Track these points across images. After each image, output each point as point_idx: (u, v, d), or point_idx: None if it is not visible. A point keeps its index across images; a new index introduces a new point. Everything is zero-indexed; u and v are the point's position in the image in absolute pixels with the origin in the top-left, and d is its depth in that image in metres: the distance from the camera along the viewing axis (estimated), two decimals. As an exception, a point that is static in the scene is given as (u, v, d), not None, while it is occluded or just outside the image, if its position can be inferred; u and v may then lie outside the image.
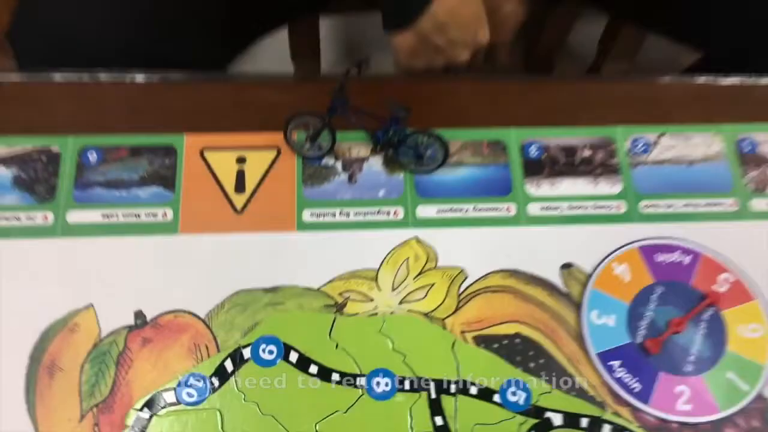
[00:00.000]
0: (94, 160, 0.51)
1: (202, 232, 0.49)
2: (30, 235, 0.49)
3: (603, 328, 0.47)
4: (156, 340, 0.46)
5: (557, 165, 0.52)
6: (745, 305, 0.48)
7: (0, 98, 0.53)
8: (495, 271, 0.49)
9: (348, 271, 0.48)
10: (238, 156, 0.52)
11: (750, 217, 0.51)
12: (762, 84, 0.56)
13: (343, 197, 0.51)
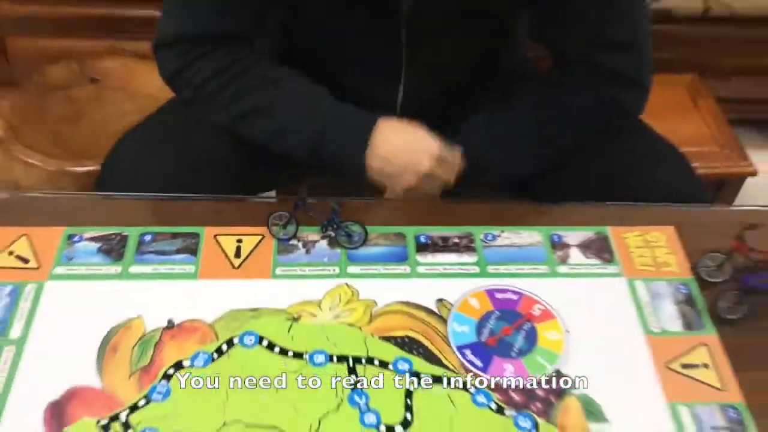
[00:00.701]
0: (148, 239, 0.80)
1: (212, 278, 0.77)
2: (107, 278, 0.76)
3: (460, 333, 0.73)
4: (180, 335, 0.72)
5: (437, 246, 0.82)
6: (548, 321, 0.75)
7: (91, 205, 0.83)
8: (395, 302, 0.76)
9: (303, 300, 0.75)
10: (237, 239, 0.81)
11: (555, 276, 0.79)
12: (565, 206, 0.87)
13: (300, 261, 0.79)
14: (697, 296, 0.79)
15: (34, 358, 0.70)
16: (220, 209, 0.84)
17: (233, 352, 0.71)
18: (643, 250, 0.83)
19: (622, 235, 0.84)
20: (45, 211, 0.83)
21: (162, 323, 0.73)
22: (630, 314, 0.77)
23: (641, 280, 0.80)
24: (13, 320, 0.72)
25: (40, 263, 0.77)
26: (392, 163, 0.84)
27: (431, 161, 0.84)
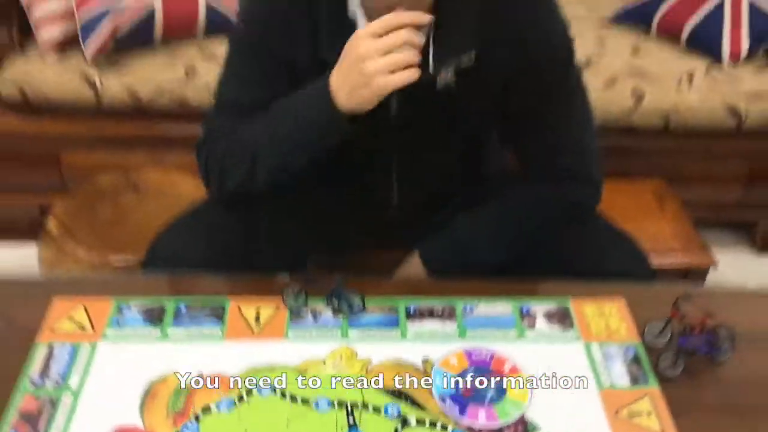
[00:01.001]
0: (183, 309, 0.95)
1: (235, 340, 0.91)
2: (149, 340, 0.91)
3: (441, 385, 0.86)
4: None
5: (424, 314, 0.96)
6: (516, 376, 0.88)
7: (137, 281, 0.99)
8: (387, 359, 0.89)
9: (311, 358, 0.89)
10: (256, 308, 0.96)
11: (523, 340, 0.93)
12: (533, 282, 1.02)
13: (309, 326, 0.94)
14: (642, 357, 0.92)
15: (88, 403, 0.83)
16: (243, 284, 1.00)
17: (252, 399, 0.84)
18: (598, 318, 0.97)
19: (581, 306, 0.98)
20: (99, 287, 0.99)
21: (193, 377, 0.86)
22: (586, 371, 0.90)
23: (596, 343, 0.93)
24: (71, 373, 0.86)
25: (95, 328, 0.92)
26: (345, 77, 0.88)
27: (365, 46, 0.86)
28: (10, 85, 1.65)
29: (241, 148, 1.00)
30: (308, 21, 0.97)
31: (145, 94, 1.64)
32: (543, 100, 1.01)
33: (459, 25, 0.94)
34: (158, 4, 1.66)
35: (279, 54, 0.99)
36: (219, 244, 1.05)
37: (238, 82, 1.03)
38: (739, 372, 0.91)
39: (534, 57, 0.97)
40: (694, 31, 1.81)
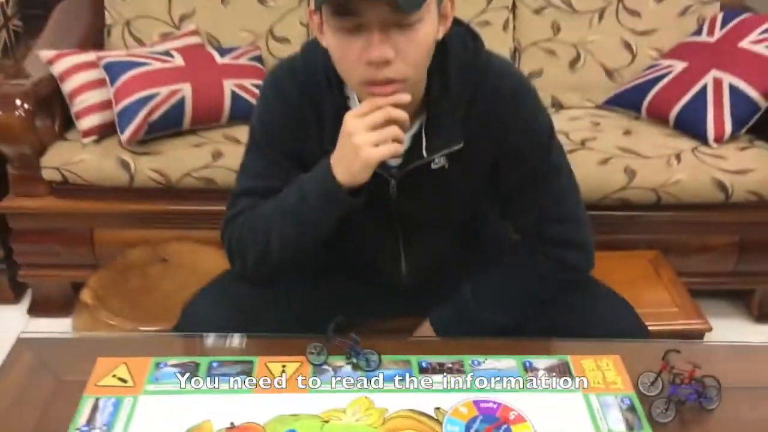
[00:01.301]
0: (216, 366, 1.04)
1: (263, 393, 0.99)
2: (184, 393, 0.99)
3: (452, 430, 0.94)
4: None
5: (435, 369, 1.04)
6: (521, 424, 0.95)
7: (173, 342, 1.08)
8: (402, 409, 0.97)
9: (332, 408, 0.97)
10: (282, 365, 1.04)
11: (528, 392, 1.01)
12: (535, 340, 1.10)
13: (330, 380, 1.02)
14: (637, 405, 0.99)
15: (131, 449, 0.91)
16: (269, 343, 1.08)
17: (279, 444, 0.92)
18: (596, 372, 1.05)
19: (579, 361, 1.06)
20: (138, 347, 1.08)
21: (225, 425, 0.94)
22: (584, 419, 0.97)
23: (594, 394, 1.01)
24: (116, 422, 0.94)
25: (135, 383, 1.01)
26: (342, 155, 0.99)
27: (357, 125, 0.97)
28: (52, 169, 1.78)
29: (256, 225, 1.10)
30: (315, 117, 1.09)
31: (174, 174, 1.77)
32: (529, 178, 1.12)
33: (447, 118, 1.06)
34: (188, 93, 1.81)
35: (289, 149, 1.11)
36: (244, 311, 1.14)
37: (253, 173, 1.15)
38: (727, 417, 0.98)
39: (516, 143, 1.09)
40: (680, 114, 1.94)
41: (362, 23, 0.92)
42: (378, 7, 0.89)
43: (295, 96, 1.09)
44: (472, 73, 1.06)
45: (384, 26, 0.91)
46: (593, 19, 2.19)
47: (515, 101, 1.08)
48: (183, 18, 2.14)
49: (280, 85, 1.11)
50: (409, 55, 0.94)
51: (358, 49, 0.93)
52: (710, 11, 2.17)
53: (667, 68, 2.05)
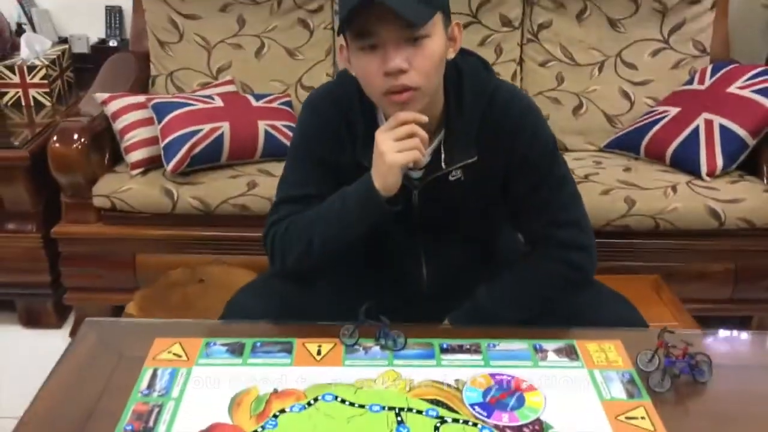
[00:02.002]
0: (259, 345, 1.15)
1: (302, 366, 1.10)
2: (233, 366, 1.10)
3: (471, 396, 1.04)
4: (282, 396, 1.03)
5: (455, 350, 1.14)
6: (533, 392, 1.05)
7: (221, 327, 1.19)
8: (426, 380, 1.07)
9: (364, 378, 1.07)
10: (318, 345, 1.15)
11: (538, 368, 1.11)
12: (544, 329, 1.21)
13: (361, 357, 1.12)
14: (636, 379, 1.09)
15: (187, 408, 1.01)
16: (306, 329, 1.19)
17: (319, 404, 1.02)
18: (599, 353, 1.15)
19: (584, 345, 1.16)
20: (190, 330, 1.19)
21: (270, 390, 1.05)
22: (589, 389, 1.07)
23: (597, 370, 1.11)
24: (173, 387, 1.05)
25: (189, 358, 1.12)
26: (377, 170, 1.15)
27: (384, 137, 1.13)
28: (102, 197, 1.93)
29: (299, 229, 1.23)
30: (348, 133, 1.24)
31: (213, 201, 1.91)
32: (536, 186, 1.24)
33: (462, 134, 1.20)
34: (227, 130, 1.97)
35: (325, 159, 1.25)
36: (282, 302, 1.26)
37: (292, 182, 1.28)
38: (716, 389, 1.07)
39: (524, 153, 1.21)
40: (675, 152, 2.08)
41: (379, 42, 1.08)
42: (391, 27, 1.06)
43: (331, 114, 1.24)
44: (484, 94, 1.21)
45: (397, 42, 1.07)
46: (594, 71, 2.36)
47: (522, 117, 1.22)
48: (220, 70, 2.33)
49: (318, 105, 1.27)
50: (420, 66, 1.09)
51: (377, 64, 1.09)
52: (700, 64, 2.34)
53: (662, 113, 2.20)
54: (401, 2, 1.03)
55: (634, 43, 2.36)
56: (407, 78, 1.09)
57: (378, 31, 1.07)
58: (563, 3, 2.34)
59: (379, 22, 1.05)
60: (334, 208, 1.20)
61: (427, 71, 1.10)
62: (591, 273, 1.29)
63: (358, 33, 1.08)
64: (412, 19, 1.04)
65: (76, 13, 2.57)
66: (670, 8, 2.33)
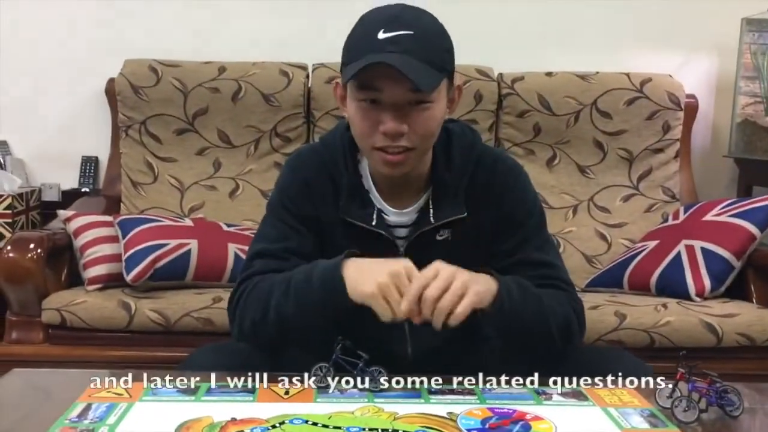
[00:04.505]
0: (216, 388, 0.99)
1: (266, 402, 0.94)
2: (183, 402, 0.93)
3: (469, 423, 0.88)
4: (241, 423, 0.87)
5: (444, 392, 0.99)
6: (540, 420, 0.90)
7: (172, 373, 1.03)
8: (413, 412, 0.92)
9: (339, 411, 0.91)
10: (285, 387, 0.99)
11: (542, 405, 0.96)
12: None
13: (338, 396, 0.96)
14: (658, 413, 0.94)
15: None
16: (271, 376, 1.04)
17: (285, 427, 0.85)
18: (611, 396, 1.00)
19: (593, 390, 1.02)
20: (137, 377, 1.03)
21: (227, 419, 0.88)
22: (605, 420, 0.92)
23: (612, 408, 0.96)
24: (109, 416, 0.88)
25: (132, 396, 0.95)
26: (363, 267, 1.03)
27: (399, 266, 1.01)
28: (52, 312, 1.79)
29: (259, 291, 1.12)
30: (332, 187, 1.19)
31: (173, 315, 1.78)
32: (522, 244, 1.18)
33: (451, 191, 1.17)
34: (195, 248, 1.89)
35: (306, 213, 1.19)
36: (245, 361, 1.11)
37: (269, 237, 1.19)
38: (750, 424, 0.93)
39: (511, 212, 1.19)
40: (660, 280, 2.03)
41: (381, 99, 1.05)
42: (397, 87, 1.03)
43: (314, 170, 1.20)
44: (472, 153, 1.20)
45: (401, 103, 1.05)
46: (568, 214, 2.39)
47: (511, 176, 1.21)
48: (193, 209, 2.31)
49: (301, 161, 1.23)
50: (420, 129, 1.08)
51: (375, 119, 1.06)
52: (672, 208, 2.39)
53: (640, 248, 2.19)
54: (412, 66, 1.02)
55: (605, 188, 2.43)
56: (405, 140, 1.07)
57: (383, 89, 1.04)
58: (533, 150, 2.43)
59: (387, 80, 1.03)
60: (298, 279, 1.09)
61: (426, 134, 1.09)
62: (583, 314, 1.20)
63: (361, 85, 1.06)
64: (422, 87, 1.03)
65: (50, 164, 2.58)
66: (635, 156, 2.43)
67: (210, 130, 2.36)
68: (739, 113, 2.53)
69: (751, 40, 2.49)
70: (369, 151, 1.11)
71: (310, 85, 2.39)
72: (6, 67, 2.54)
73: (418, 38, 1.04)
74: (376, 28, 1.05)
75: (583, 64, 2.49)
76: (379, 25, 1.05)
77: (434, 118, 1.09)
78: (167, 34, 2.54)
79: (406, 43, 1.03)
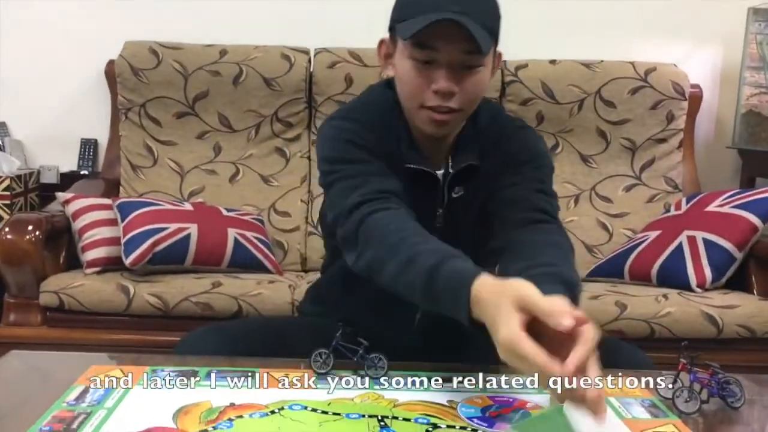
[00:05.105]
0: (215, 373, 0.98)
1: (265, 388, 0.93)
2: (181, 387, 0.93)
3: (469, 411, 0.88)
4: (240, 408, 0.86)
5: (447, 380, 0.99)
6: (540, 409, 0.90)
7: (171, 359, 1.02)
8: (414, 399, 0.91)
9: (338, 398, 0.91)
10: (285, 373, 0.99)
11: (543, 393, 0.95)
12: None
13: (339, 384, 0.96)
14: (659, 403, 0.94)
15: (122, 415, 0.84)
16: (272, 362, 1.03)
17: (284, 412, 0.85)
18: (612, 388, 1.00)
19: (594, 379, 1.02)
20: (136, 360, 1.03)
21: (226, 404, 0.87)
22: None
23: (613, 398, 0.96)
24: (107, 399, 0.87)
25: (130, 379, 0.94)
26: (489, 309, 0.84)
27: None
28: (50, 295, 1.79)
29: (390, 240, 0.99)
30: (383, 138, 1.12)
31: (172, 300, 1.78)
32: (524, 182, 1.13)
33: (469, 148, 1.15)
34: (194, 232, 1.89)
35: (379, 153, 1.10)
36: (245, 342, 1.11)
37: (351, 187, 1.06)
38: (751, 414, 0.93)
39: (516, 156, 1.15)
40: (661, 270, 2.03)
41: (436, 59, 1.04)
42: (454, 48, 1.03)
43: (368, 117, 1.14)
44: (496, 119, 1.19)
45: (455, 65, 1.04)
46: (570, 203, 2.38)
47: (521, 129, 1.19)
48: (192, 193, 2.30)
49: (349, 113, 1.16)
50: (470, 92, 1.07)
51: (427, 78, 1.05)
52: (674, 199, 2.38)
53: (642, 238, 2.19)
54: (475, 28, 1.01)
55: (607, 178, 2.42)
56: (454, 101, 1.06)
57: (440, 48, 1.03)
58: (536, 138, 2.42)
59: (445, 40, 1.03)
60: (418, 285, 0.94)
61: (473, 98, 1.09)
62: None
63: (418, 43, 1.04)
64: (484, 49, 1.02)
65: (49, 145, 2.58)
66: (638, 146, 2.42)
67: (210, 114, 2.35)
68: (743, 104, 2.52)
69: (757, 30, 2.47)
70: (416, 109, 1.09)
71: (312, 70, 2.37)
72: (5, 48, 2.53)
73: (479, 2, 1.04)
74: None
75: (588, 52, 2.47)
76: None
77: (483, 82, 1.09)
78: (168, 16, 2.52)
79: (466, 4, 1.02)
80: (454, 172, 1.14)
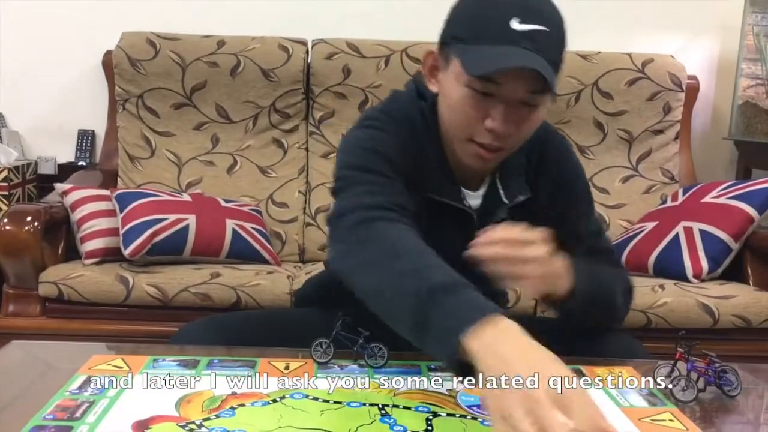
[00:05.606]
0: (216, 362, 0.99)
1: (266, 377, 0.94)
2: (183, 376, 0.93)
3: (469, 400, 0.88)
4: (242, 396, 0.87)
5: (446, 370, 1.00)
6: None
7: (172, 349, 1.03)
8: (415, 388, 0.92)
9: (341, 386, 0.92)
10: (286, 362, 0.99)
11: (542, 382, 0.96)
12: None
13: (338, 371, 0.97)
14: (656, 391, 0.95)
15: (125, 403, 0.84)
16: (271, 351, 1.04)
17: (286, 401, 0.85)
18: (611, 376, 1.01)
19: (592, 369, 1.03)
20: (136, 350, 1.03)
21: (227, 392, 0.88)
22: (604, 399, 0.92)
23: (612, 387, 0.97)
24: (109, 389, 0.88)
25: (132, 369, 0.95)
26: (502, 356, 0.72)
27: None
28: (49, 285, 1.79)
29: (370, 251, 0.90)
30: (417, 154, 1.05)
31: (171, 290, 1.78)
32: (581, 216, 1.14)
33: (515, 172, 1.11)
34: (193, 223, 1.89)
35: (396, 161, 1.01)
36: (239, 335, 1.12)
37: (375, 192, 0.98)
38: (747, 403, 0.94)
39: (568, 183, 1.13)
40: (658, 261, 2.04)
41: (496, 93, 0.95)
42: (519, 86, 0.94)
43: (399, 130, 1.05)
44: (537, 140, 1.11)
45: (514, 101, 0.96)
46: (567, 194, 2.39)
47: (563, 147, 1.16)
48: (190, 185, 2.31)
49: (380, 120, 1.06)
50: (524, 131, 1.00)
51: (482, 111, 0.96)
52: (671, 189, 2.39)
53: (638, 229, 2.20)
54: (548, 71, 0.93)
55: (604, 169, 2.43)
56: (507, 141, 0.99)
57: (503, 84, 0.94)
58: (533, 129, 2.42)
59: (513, 78, 0.93)
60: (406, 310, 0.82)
61: (526, 136, 1.02)
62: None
63: (482, 76, 0.93)
64: (551, 88, 0.94)
65: (47, 137, 2.57)
66: (635, 137, 2.43)
67: (208, 105, 2.35)
68: (740, 95, 2.52)
69: (754, 21, 2.48)
70: (463, 141, 1.01)
71: (310, 61, 2.37)
72: (2, 38, 2.52)
73: (552, 37, 0.96)
74: (509, 13, 0.93)
75: (585, 43, 2.47)
76: (513, 10, 0.94)
77: (538, 120, 1.01)
78: (166, 7, 2.51)
79: (541, 41, 0.94)
80: (510, 204, 1.08)
